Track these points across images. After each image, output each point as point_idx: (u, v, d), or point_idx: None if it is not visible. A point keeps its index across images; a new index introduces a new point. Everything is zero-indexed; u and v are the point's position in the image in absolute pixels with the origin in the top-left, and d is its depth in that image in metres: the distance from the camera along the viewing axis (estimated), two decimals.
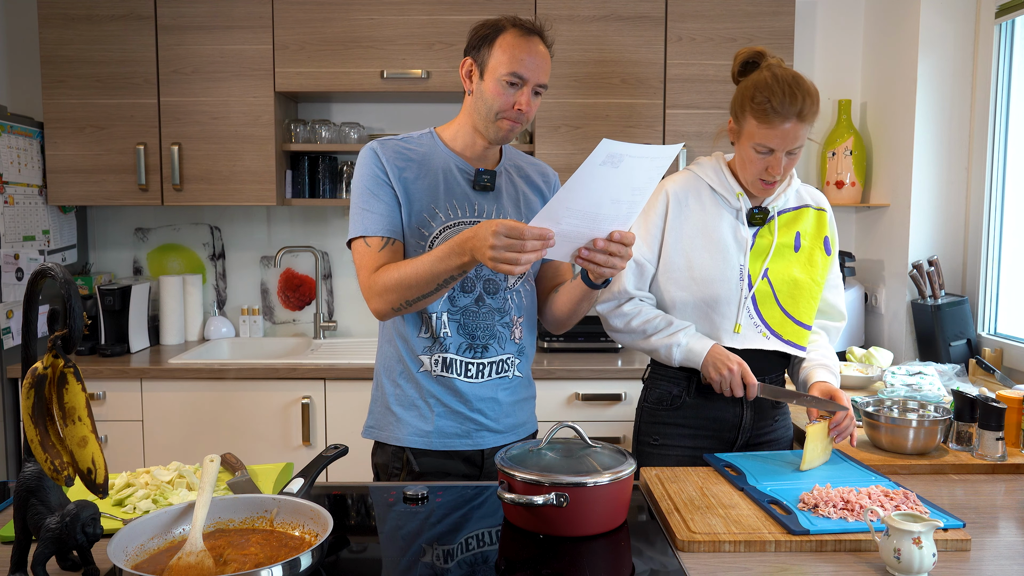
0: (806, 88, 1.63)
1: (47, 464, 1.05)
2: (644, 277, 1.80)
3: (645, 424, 1.85)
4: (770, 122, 1.62)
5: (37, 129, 2.95)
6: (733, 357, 1.69)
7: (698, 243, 1.75)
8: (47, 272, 1.06)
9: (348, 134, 3.13)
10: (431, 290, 1.50)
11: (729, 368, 1.67)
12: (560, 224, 1.35)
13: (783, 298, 1.76)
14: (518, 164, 1.74)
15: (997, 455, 1.67)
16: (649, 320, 1.77)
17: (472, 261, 1.42)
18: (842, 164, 3.11)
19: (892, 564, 1.14)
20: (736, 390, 1.67)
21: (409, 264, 1.51)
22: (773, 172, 1.67)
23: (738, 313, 1.74)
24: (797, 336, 1.78)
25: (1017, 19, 2.63)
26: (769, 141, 1.64)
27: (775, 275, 1.76)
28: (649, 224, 1.79)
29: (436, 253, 1.47)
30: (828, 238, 1.82)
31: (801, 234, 1.79)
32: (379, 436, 1.69)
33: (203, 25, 2.91)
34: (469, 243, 1.40)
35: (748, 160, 1.69)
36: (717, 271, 1.74)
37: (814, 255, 1.79)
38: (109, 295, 2.93)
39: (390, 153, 1.61)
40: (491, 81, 1.55)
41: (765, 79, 1.64)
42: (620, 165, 1.29)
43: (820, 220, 1.82)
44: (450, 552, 1.23)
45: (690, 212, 1.77)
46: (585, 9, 2.93)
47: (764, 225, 1.76)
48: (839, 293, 1.87)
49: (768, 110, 1.61)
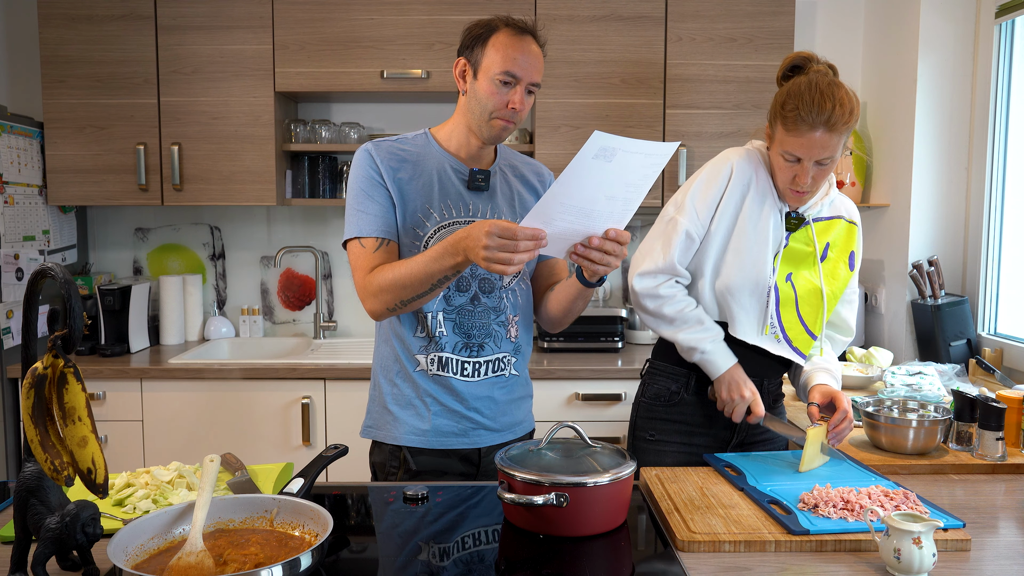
0: (839, 97, 1.56)
1: (47, 464, 1.05)
2: (690, 252, 1.72)
3: (641, 420, 1.84)
4: (797, 130, 1.57)
5: (37, 129, 2.95)
6: (748, 383, 1.67)
7: (745, 226, 1.69)
8: (47, 272, 1.06)
9: (348, 134, 3.13)
10: (425, 290, 1.50)
11: (742, 394, 1.66)
12: (554, 220, 1.35)
13: (803, 305, 1.73)
14: (513, 164, 1.74)
15: (997, 455, 1.67)
16: (681, 311, 1.70)
17: (466, 261, 1.42)
18: (842, 164, 3.11)
19: (892, 564, 1.14)
20: (737, 417, 1.66)
21: (403, 264, 1.51)
22: (800, 182, 1.62)
23: (764, 313, 1.70)
24: (805, 345, 1.76)
25: (1017, 19, 2.63)
26: (796, 149, 1.59)
27: (800, 281, 1.73)
28: (708, 195, 1.70)
29: (430, 253, 1.47)
30: (854, 253, 1.79)
31: (831, 245, 1.76)
32: (376, 435, 1.69)
33: (203, 25, 2.91)
34: (462, 243, 1.40)
35: (778, 167, 1.66)
36: (751, 261, 1.69)
37: (837, 268, 1.77)
38: (109, 295, 2.93)
39: (384, 154, 1.61)
40: (484, 80, 1.56)
41: (799, 85, 1.59)
42: (613, 159, 1.28)
43: (850, 234, 1.79)
44: (448, 551, 1.23)
45: (747, 192, 1.70)
46: (585, 9, 2.93)
47: (798, 230, 1.73)
48: (852, 309, 1.84)
49: (796, 118, 1.56)
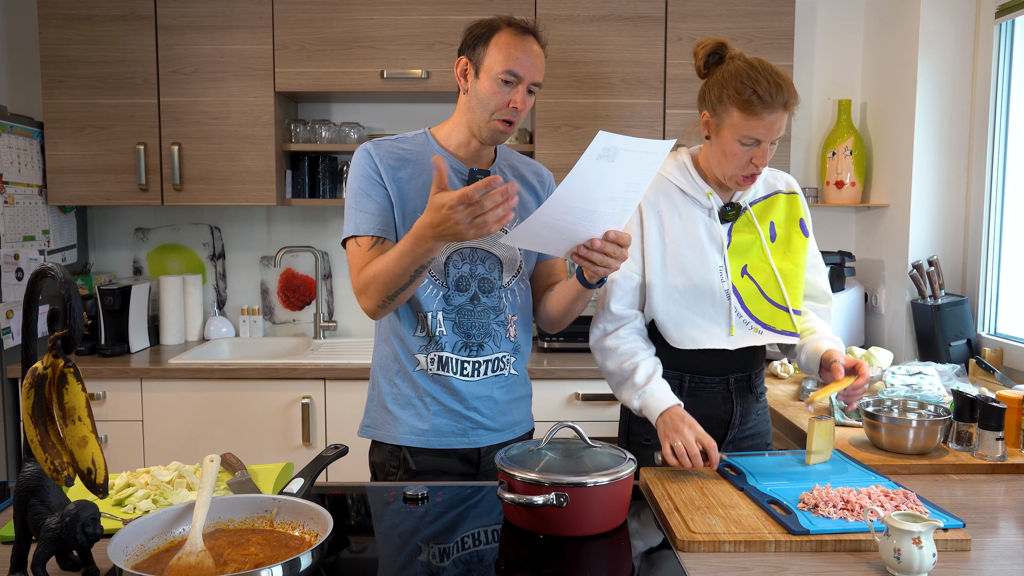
0: (786, 77, 1.59)
1: (47, 464, 1.05)
2: (630, 293, 1.72)
3: (635, 423, 1.80)
4: (757, 113, 1.56)
5: (37, 129, 2.95)
6: (687, 420, 1.59)
7: (676, 250, 1.69)
8: (47, 272, 1.06)
9: (348, 134, 3.13)
10: (406, 282, 1.50)
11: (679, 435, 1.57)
12: (558, 222, 1.35)
13: (769, 291, 1.72)
14: (513, 164, 1.75)
15: (997, 455, 1.67)
16: (620, 365, 1.70)
17: (435, 247, 1.41)
18: (842, 164, 3.11)
19: (892, 564, 1.14)
20: (694, 463, 1.54)
21: (381, 260, 1.51)
22: (759, 163, 1.61)
23: (729, 316, 1.70)
24: (789, 324, 1.74)
25: (1017, 19, 2.63)
26: (756, 132, 1.58)
27: (756, 271, 1.72)
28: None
29: (400, 247, 1.46)
30: (803, 220, 1.77)
31: (775, 223, 1.75)
32: (376, 435, 1.69)
33: (203, 25, 2.91)
34: (429, 230, 1.38)
35: (731, 154, 1.63)
36: (699, 276, 1.69)
37: (792, 240, 1.75)
38: (109, 295, 2.93)
39: (383, 153, 1.62)
40: (486, 80, 1.56)
41: (743, 69, 1.59)
42: (616, 159, 1.29)
43: (792, 203, 1.78)
44: (448, 551, 1.23)
45: (664, 219, 1.70)
46: (585, 9, 2.93)
47: (736, 220, 1.72)
48: (821, 274, 1.82)
49: (755, 101, 1.55)
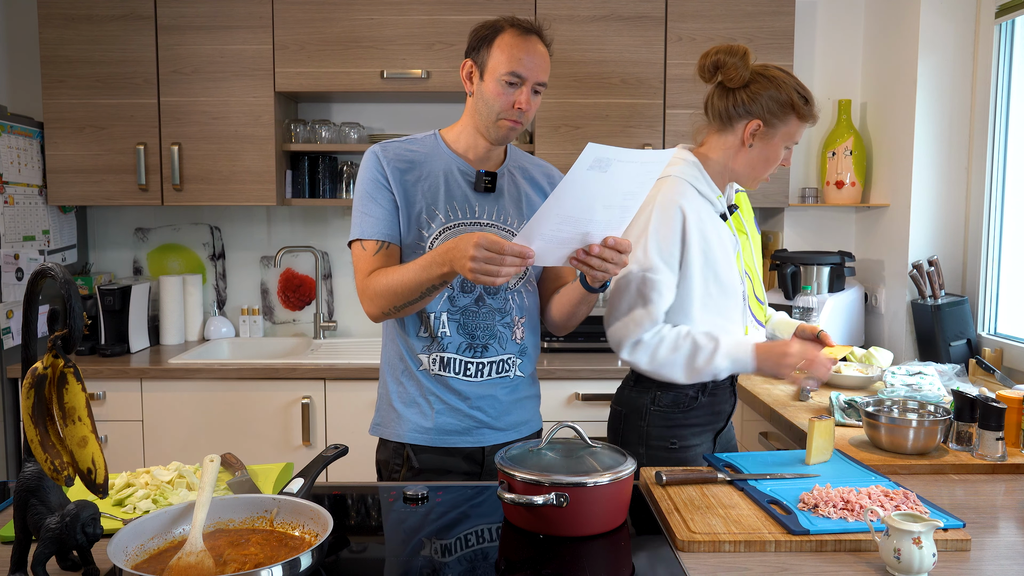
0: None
1: (47, 464, 1.05)
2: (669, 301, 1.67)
3: (657, 429, 1.75)
4: (810, 118, 1.69)
5: (37, 129, 2.95)
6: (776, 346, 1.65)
7: (715, 253, 1.68)
8: (47, 272, 1.06)
9: (348, 134, 3.13)
10: (416, 297, 1.53)
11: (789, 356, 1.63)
12: (552, 230, 1.36)
13: (755, 287, 1.79)
14: (522, 165, 1.75)
15: (997, 455, 1.67)
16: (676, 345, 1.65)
17: (452, 272, 1.44)
18: (842, 164, 3.11)
19: (892, 564, 1.14)
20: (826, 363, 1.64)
21: (396, 272, 1.53)
22: (788, 161, 1.74)
23: (744, 317, 1.74)
24: (763, 316, 1.86)
25: (1017, 19, 2.63)
26: (799, 136, 1.71)
27: (749, 268, 1.78)
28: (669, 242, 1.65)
29: (420, 262, 1.49)
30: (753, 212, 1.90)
31: (744, 217, 1.83)
32: (383, 433, 1.71)
33: (203, 25, 2.91)
34: (449, 254, 1.41)
35: (773, 160, 1.72)
36: (728, 281, 1.70)
37: (755, 233, 1.85)
38: (109, 295, 2.93)
39: (391, 156, 1.63)
40: (491, 81, 1.57)
41: (784, 80, 1.67)
42: (608, 170, 1.30)
43: (746, 200, 1.88)
44: (448, 551, 1.23)
45: (702, 221, 1.67)
46: (585, 9, 2.93)
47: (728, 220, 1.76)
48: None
49: (811, 109, 1.68)
